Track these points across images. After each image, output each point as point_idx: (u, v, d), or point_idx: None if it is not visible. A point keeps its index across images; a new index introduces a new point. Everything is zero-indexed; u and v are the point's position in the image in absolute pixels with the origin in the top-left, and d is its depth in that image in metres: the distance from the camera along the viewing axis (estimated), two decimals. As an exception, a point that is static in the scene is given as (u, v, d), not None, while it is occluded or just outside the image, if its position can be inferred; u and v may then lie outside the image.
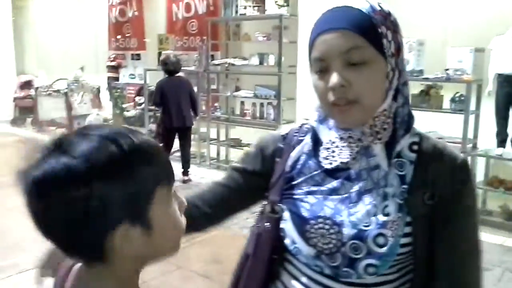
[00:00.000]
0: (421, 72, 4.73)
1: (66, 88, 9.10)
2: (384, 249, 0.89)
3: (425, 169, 0.93)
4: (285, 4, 5.97)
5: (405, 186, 0.92)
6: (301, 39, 5.54)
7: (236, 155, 6.20)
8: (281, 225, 0.98)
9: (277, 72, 5.88)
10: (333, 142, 0.97)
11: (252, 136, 6.34)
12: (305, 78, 5.54)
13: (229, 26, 7.00)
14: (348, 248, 0.90)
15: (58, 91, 9.26)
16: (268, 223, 1.00)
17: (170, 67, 5.75)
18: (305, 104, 5.56)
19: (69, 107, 8.96)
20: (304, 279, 0.97)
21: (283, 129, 1.09)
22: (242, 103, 6.57)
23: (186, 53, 7.57)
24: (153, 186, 0.68)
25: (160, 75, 5.95)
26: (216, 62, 6.82)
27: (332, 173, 0.96)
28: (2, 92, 10.65)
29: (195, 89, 6.31)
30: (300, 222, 0.95)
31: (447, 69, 4.59)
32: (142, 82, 7.43)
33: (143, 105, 7.37)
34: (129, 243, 0.67)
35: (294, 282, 0.99)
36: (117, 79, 8.73)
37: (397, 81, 0.93)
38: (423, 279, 0.94)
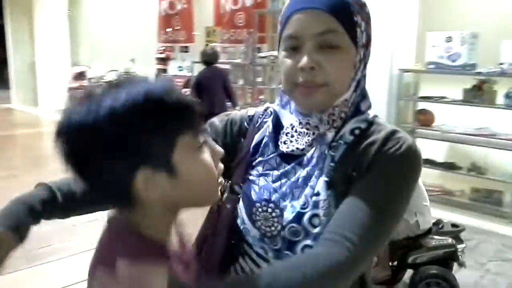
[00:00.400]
0: (473, 66, 4.58)
1: (117, 80, 9.37)
2: (318, 229, 0.89)
3: (356, 147, 0.92)
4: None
5: (332, 164, 0.92)
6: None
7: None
8: (238, 206, 0.98)
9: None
10: (293, 127, 0.97)
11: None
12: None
13: (276, 18, 6.97)
14: (287, 232, 0.91)
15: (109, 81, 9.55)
16: (228, 204, 1.00)
17: (206, 58, 5.91)
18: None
19: (119, 97, 9.24)
20: (257, 259, 0.96)
21: (250, 110, 1.09)
22: (288, 95, 6.54)
23: (233, 46, 7.62)
24: (175, 134, 0.72)
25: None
26: (262, 54, 6.83)
27: (287, 158, 0.96)
28: (57, 82, 11.10)
29: (241, 81, 6.34)
30: (249, 204, 0.96)
31: (501, 63, 4.42)
32: (190, 74, 7.55)
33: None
34: (154, 187, 0.71)
35: (249, 264, 0.97)
36: (165, 71, 8.90)
37: (361, 73, 0.94)
38: None
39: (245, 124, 1.06)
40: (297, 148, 0.95)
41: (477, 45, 4.60)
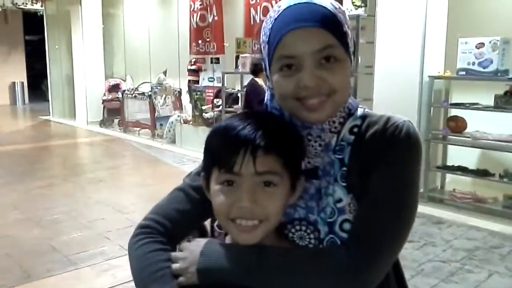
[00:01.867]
0: (506, 72, 4.51)
1: (150, 91, 9.60)
2: None
3: (360, 145, 0.93)
4: (363, 4, 5.91)
5: (344, 169, 0.93)
6: (378, 39, 5.47)
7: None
8: None
9: (354, 73, 5.83)
10: None
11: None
12: (382, 79, 5.47)
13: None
14: (326, 244, 0.92)
15: (143, 93, 9.79)
16: None
17: (253, 68, 6.02)
18: (382, 105, 5.48)
19: (152, 109, 9.46)
20: None
21: None
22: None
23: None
24: (211, 165, 0.91)
25: (237, 78, 6.12)
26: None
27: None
28: (92, 94, 11.45)
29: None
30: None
31: (534, 69, 4.35)
32: (220, 85, 7.67)
33: (220, 107, 7.61)
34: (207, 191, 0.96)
35: None
36: (197, 82, 9.06)
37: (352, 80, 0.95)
38: None
39: None
40: (309, 163, 0.95)
41: (509, 51, 4.54)
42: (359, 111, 0.97)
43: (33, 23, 14.80)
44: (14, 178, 6.57)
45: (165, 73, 9.70)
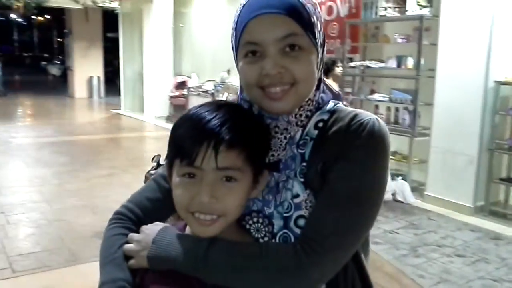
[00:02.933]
0: None
1: (213, 89, 9.78)
2: None
3: (322, 140, 0.90)
4: (428, 4, 5.66)
5: (304, 164, 0.90)
6: (441, 41, 5.21)
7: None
8: None
9: (415, 75, 5.61)
10: None
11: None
12: (444, 83, 5.20)
13: (368, 28, 6.86)
14: (279, 239, 0.90)
15: (206, 91, 10.00)
16: None
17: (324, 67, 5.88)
18: (444, 110, 5.22)
19: (214, 106, 9.60)
20: None
21: None
22: (376, 107, 6.38)
23: (328, 56, 7.60)
24: (173, 156, 0.90)
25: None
26: (352, 64, 6.74)
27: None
28: (161, 91, 11.83)
29: (330, 91, 6.21)
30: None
31: None
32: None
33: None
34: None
35: None
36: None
37: (320, 72, 0.94)
38: None
39: None
40: (272, 156, 0.93)
41: None
42: (329, 106, 0.95)
43: (113, 21, 15.53)
44: (79, 166, 6.94)
45: (228, 71, 9.84)
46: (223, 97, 9.62)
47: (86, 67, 17.42)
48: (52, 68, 24.51)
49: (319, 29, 0.89)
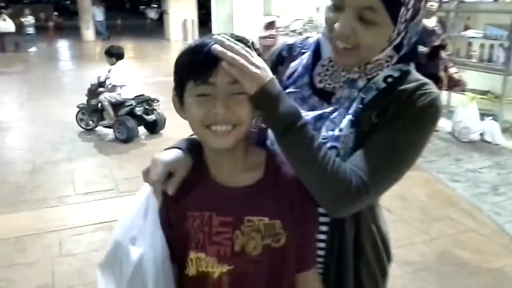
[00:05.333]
0: None
1: (301, 28, 9.73)
2: None
3: (386, 95, 0.98)
4: None
5: (360, 106, 0.98)
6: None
7: (456, 99, 5.87)
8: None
9: None
10: (331, 61, 1.05)
11: (476, 81, 5.87)
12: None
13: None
14: None
15: (294, 30, 9.97)
16: (263, 124, 1.08)
17: None
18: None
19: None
20: None
21: (290, 40, 1.18)
22: (470, 44, 6.07)
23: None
24: (185, 79, 0.94)
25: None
26: (446, -1, 6.39)
27: (318, 91, 1.05)
28: (250, 32, 11.97)
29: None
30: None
31: None
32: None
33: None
34: (179, 110, 0.99)
35: None
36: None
37: (401, 39, 0.97)
38: None
39: (284, 52, 1.16)
40: (329, 85, 1.03)
41: None
42: (402, 66, 1.02)
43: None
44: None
45: (317, 10, 9.71)
46: (311, 36, 9.58)
47: (181, 10, 17.95)
48: (150, 12, 25.51)
49: (409, 6, 0.92)
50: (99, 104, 5.75)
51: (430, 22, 5.36)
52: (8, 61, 12.87)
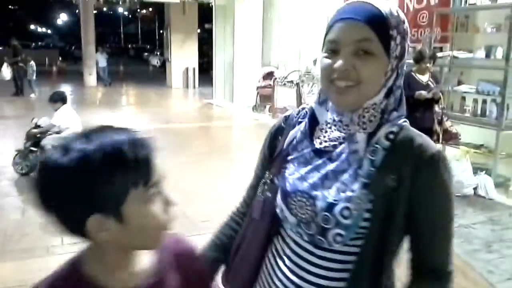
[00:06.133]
0: None
1: (298, 79, 9.90)
2: (348, 221, 0.99)
3: (395, 156, 1.01)
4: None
5: (372, 169, 1.01)
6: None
7: (450, 153, 5.88)
8: (277, 196, 1.11)
9: (504, 66, 5.34)
10: (328, 124, 1.09)
11: (469, 135, 5.90)
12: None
13: (458, 18, 6.59)
14: (320, 219, 1.01)
15: (291, 81, 10.14)
16: (269, 193, 1.13)
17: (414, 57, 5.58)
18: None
19: (299, 96, 9.75)
20: (291, 243, 1.10)
21: (286, 112, 1.23)
22: (463, 98, 6.15)
23: (414, 45, 7.40)
24: (128, 187, 0.79)
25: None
26: (439, 54, 6.51)
27: (320, 153, 1.07)
28: (249, 81, 12.18)
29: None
30: (285, 195, 1.07)
31: None
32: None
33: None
34: (104, 231, 0.81)
35: (283, 245, 1.12)
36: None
37: (393, 82, 1.03)
38: (372, 251, 1.01)
39: (282, 124, 1.21)
40: (329, 144, 1.06)
41: None
42: (401, 120, 1.06)
43: (207, 14, 16.21)
44: (168, 152, 7.43)
45: (314, 62, 9.89)
46: (308, 87, 9.72)
47: (183, 58, 18.31)
48: (153, 59, 26.07)
49: (397, 42, 1.00)
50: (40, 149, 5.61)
51: (424, 78, 5.43)
52: (7, 107, 12.98)
